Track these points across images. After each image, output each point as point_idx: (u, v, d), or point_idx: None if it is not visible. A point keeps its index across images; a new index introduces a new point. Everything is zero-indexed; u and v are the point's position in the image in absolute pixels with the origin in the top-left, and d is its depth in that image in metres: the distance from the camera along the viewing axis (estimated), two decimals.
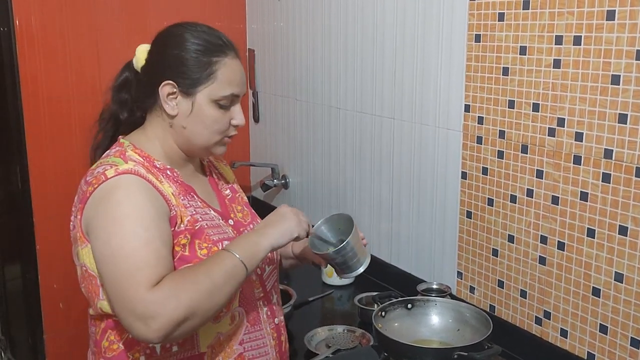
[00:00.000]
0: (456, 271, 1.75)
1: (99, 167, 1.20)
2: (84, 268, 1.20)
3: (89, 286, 1.21)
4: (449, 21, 1.67)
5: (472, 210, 1.68)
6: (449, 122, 1.71)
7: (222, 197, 1.38)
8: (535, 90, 1.46)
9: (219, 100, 1.24)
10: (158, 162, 1.26)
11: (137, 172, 1.17)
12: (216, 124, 1.25)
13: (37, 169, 2.32)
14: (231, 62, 1.25)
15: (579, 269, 1.42)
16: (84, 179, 1.22)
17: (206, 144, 1.27)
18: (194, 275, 1.11)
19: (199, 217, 1.24)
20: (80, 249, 1.19)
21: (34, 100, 2.28)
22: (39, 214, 2.34)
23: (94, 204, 1.15)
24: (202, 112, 1.24)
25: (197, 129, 1.25)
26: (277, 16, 2.46)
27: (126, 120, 1.32)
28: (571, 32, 1.36)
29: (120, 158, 1.21)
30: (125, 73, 1.32)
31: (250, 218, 1.40)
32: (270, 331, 1.33)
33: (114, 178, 1.15)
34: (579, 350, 1.44)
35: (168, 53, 1.24)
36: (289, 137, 2.48)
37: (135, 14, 2.39)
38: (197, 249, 1.20)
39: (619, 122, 1.29)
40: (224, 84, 1.23)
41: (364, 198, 2.09)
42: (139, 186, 1.16)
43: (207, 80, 1.22)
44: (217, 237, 1.24)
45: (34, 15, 2.24)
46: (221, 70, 1.23)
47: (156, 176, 1.21)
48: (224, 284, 1.13)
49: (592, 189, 1.36)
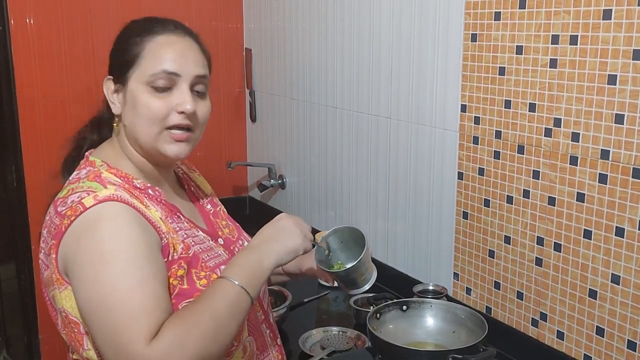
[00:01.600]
0: (452, 272, 1.74)
1: (71, 195, 1.04)
2: (63, 314, 1.05)
3: (70, 334, 1.06)
4: (445, 20, 1.66)
5: (468, 211, 1.66)
6: (445, 122, 1.70)
7: (206, 213, 1.26)
8: (531, 90, 1.45)
9: (150, 82, 1.07)
10: (137, 181, 1.11)
11: (120, 198, 1.02)
12: (149, 110, 1.07)
13: (32, 169, 2.31)
14: (166, 38, 1.10)
15: (575, 271, 1.40)
16: (54, 210, 1.05)
17: (148, 139, 1.09)
18: (196, 316, 0.97)
19: (191, 242, 1.10)
20: (58, 292, 1.04)
21: (29, 100, 2.27)
22: (34, 214, 2.33)
23: (72, 239, 1.00)
24: (136, 99, 1.08)
25: (136, 120, 1.08)
26: (274, 16, 2.45)
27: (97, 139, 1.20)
28: (567, 32, 1.35)
29: (97, 182, 1.05)
30: None
31: (237, 233, 1.28)
32: (275, 354, 1.26)
33: (95, 207, 1.00)
34: (576, 353, 1.42)
35: (111, 51, 1.16)
36: (285, 137, 2.47)
37: (131, 14, 2.37)
38: (195, 280, 1.07)
39: (616, 122, 1.28)
40: (152, 61, 1.08)
41: (360, 198, 2.08)
42: (125, 216, 1.00)
43: (135, 62, 1.08)
44: (212, 262, 1.12)
45: (29, 16, 2.23)
46: (148, 47, 1.09)
47: (140, 200, 1.06)
48: (230, 320, 1.00)
49: (589, 189, 1.35)
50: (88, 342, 1.05)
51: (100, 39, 2.33)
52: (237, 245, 1.25)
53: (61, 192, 1.09)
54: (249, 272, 1.05)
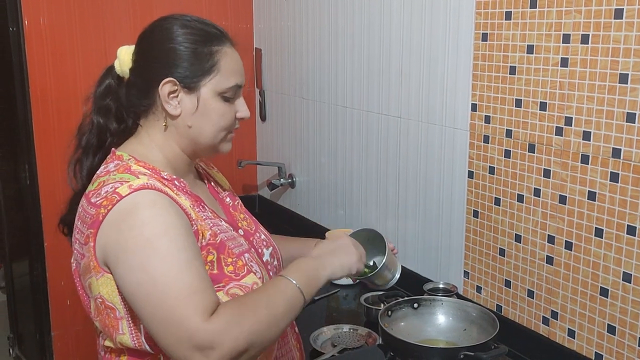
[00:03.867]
0: (463, 271, 1.74)
1: (104, 187, 1.08)
2: (99, 300, 1.09)
3: (105, 320, 1.10)
4: (455, 20, 1.67)
5: (479, 210, 1.67)
6: (456, 121, 1.71)
7: (226, 205, 1.30)
8: (542, 89, 1.45)
9: (224, 92, 1.15)
10: (164, 173, 1.15)
11: (153, 186, 1.06)
12: (223, 118, 1.16)
13: (45, 167, 2.33)
14: (231, 51, 1.17)
15: (586, 269, 1.41)
16: (87, 201, 1.09)
17: (213, 142, 1.18)
18: (254, 302, 1.03)
19: (217, 230, 1.15)
20: (95, 280, 1.08)
21: (42, 98, 2.30)
22: (47, 211, 2.35)
23: (111, 228, 1.03)
24: (209, 107, 1.15)
25: (204, 126, 1.16)
26: (284, 15, 2.46)
27: (115, 131, 1.21)
28: (579, 31, 1.36)
29: (128, 173, 1.09)
30: (107, 79, 1.21)
31: (254, 226, 1.31)
32: (294, 342, 1.30)
33: (130, 196, 1.04)
34: (587, 351, 1.43)
35: (161, 48, 1.14)
36: (295, 136, 2.48)
37: (143, 13, 2.41)
38: (224, 266, 1.11)
39: (627, 121, 1.29)
40: (227, 75, 1.15)
41: (371, 197, 2.08)
42: (161, 203, 1.05)
43: (210, 72, 1.13)
44: (237, 250, 1.16)
45: (42, 15, 2.25)
46: (223, 60, 1.15)
47: (170, 189, 1.11)
48: (283, 315, 1.05)
49: (600, 188, 1.36)
50: (123, 327, 1.08)
51: (113, 38, 2.35)
52: (255, 238, 1.27)
53: (91, 186, 1.13)
54: (306, 277, 1.12)
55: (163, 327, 0.98)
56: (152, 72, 1.14)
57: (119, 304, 1.07)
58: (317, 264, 1.16)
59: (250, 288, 1.11)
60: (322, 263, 1.16)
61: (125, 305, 1.07)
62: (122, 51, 1.19)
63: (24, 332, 2.85)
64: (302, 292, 1.09)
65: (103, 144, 1.22)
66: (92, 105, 1.22)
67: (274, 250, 1.29)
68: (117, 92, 1.21)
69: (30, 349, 2.72)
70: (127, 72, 1.19)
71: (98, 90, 1.22)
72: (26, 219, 2.43)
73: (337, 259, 1.19)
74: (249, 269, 1.14)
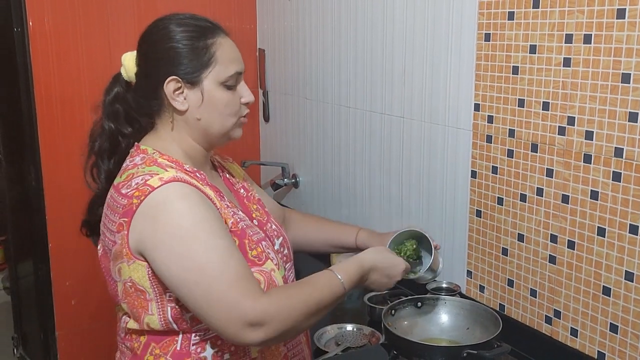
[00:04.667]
0: (466, 270, 1.75)
1: (134, 178, 1.14)
2: (129, 284, 1.15)
3: (135, 301, 1.16)
4: (458, 20, 1.67)
5: (481, 210, 1.68)
6: (459, 121, 1.71)
7: (240, 197, 1.35)
8: (545, 89, 1.46)
9: (225, 81, 1.20)
10: (186, 166, 1.21)
11: (183, 179, 1.13)
12: (229, 106, 1.22)
13: (50, 168, 2.34)
14: (225, 40, 1.22)
15: (589, 268, 1.41)
16: (117, 192, 1.16)
17: (224, 130, 1.24)
18: (307, 295, 1.13)
19: (237, 218, 1.21)
20: (127, 265, 1.14)
21: (46, 99, 2.30)
22: (51, 212, 2.36)
23: (145, 219, 1.10)
24: (213, 98, 1.20)
25: (212, 116, 1.21)
26: (287, 16, 2.47)
27: (130, 134, 1.27)
28: (581, 31, 1.36)
29: (156, 166, 1.16)
30: (115, 87, 1.27)
31: (266, 217, 1.36)
32: (304, 339, 1.35)
33: (162, 188, 1.10)
34: (589, 350, 1.43)
35: (160, 49, 1.20)
36: (299, 136, 2.49)
37: (147, 14, 2.41)
38: (248, 251, 1.18)
39: (630, 120, 1.29)
40: (226, 64, 1.20)
41: (374, 197, 2.09)
42: (192, 195, 1.12)
43: (209, 65, 1.19)
44: (256, 237, 1.22)
45: (47, 16, 2.26)
46: (219, 50, 1.20)
47: (197, 180, 1.17)
48: (325, 308, 1.16)
49: (603, 187, 1.36)
50: (152, 308, 1.15)
51: (118, 38, 2.36)
52: (267, 227, 1.32)
53: (119, 178, 1.19)
54: (353, 282, 1.22)
55: (216, 309, 1.06)
56: (155, 73, 1.20)
57: (149, 287, 1.14)
58: (363, 274, 1.25)
59: (269, 273, 1.18)
60: (367, 274, 1.26)
61: (154, 288, 1.14)
62: (125, 58, 1.26)
63: (28, 332, 2.86)
64: (344, 291, 1.19)
65: (116, 148, 1.28)
66: (102, 112, 1.28)
67: (283, 239, 1.35)
68: (125, 97, 1.26)
69: (34, 349, 2.73)
70: (133, 77, 1.25)
71: (107, 99, 1.28)
72: (31, 220, 2.44)
73: (379, 278, 1.29)
74: (267, 255, 1.21)
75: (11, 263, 2.94)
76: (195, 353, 1.16)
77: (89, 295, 2.47)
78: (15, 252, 2.88)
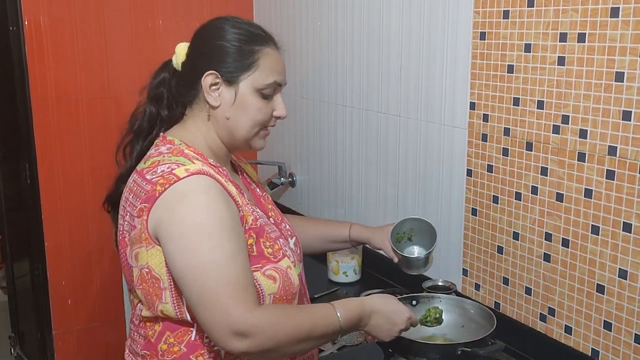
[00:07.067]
0: (461, 268, 1.75)
1: (160, 166, 1.16)
2: (145, 270, 1.16)
3: (150, 288, 1.16)
4: (454, 19, 1.68)
5: (477, 208, 1.68)
6: (455, 120, 1.72)
7: (257, 196, 1.37)
8: (540, 88, 1.46)
9: (262, 89, 1.22)
10: (210, 160, 1.23)
11: (208, 173, 1.14)
12: (259, 113, 1.23)
13: (46, 167, 2.34)
14: (273, 51, 1.25)
15: (583, 266, 1.42)
16: (141, 177, 1.17)
17: (247, 136, 1.25)
18: (300, 320, 1.13)
19: (257, 215, 1.22)
20: (146, 250, 1.14)
21: (42, 98, 2.31)
22: (47, 211, 2.36)
23: (166, 205, 1.11)
24: (246, 102, 1.22)
25: (241, 119, 1.23)
26: (283, 15, 2.47)
27: (166, 118, 1.30)
28: (575, 30, 1.37)
29: (182, 157, 1.18)
30: (163, 72, 1.31)
31: (280, 217, 1.37)
32: None
33: (187, 179, 1.11)
34: (583, 347, 1.44)
35: (209, 44, 1.24)
36: (295, 135, 2.49)
37: (143, 13, 2.41)
38: (264, 248, 1.19)
39: (623, 119, 1.30)
40: (266, 72, 1.22)
41: (370, 195, 2.10)
42: (215, 190, 1.13)
43: (250, 69, 1.21)
44: (273, 234, 1.23)
45: (42, 15, 2.26)
46: (263, 58, 1.23)
47: (221, 176, 1.18)
48: (316, 341, 1.16)
49: (597, 186, 1.37)
50: (166, 296, 1.15)
51: (114, 37, 2.36)
52: (282, 227, 1.34)
53: (143, 164, 1.21)
54: (351, 321, 1.20)
55: (208, 310, 1.07)
56: (199, 64, 1.23)
57: (165, 275, 1.14)
58: (364, 317, 1.23)
59: (284, 271, 1.19)
60: (367, 319, 1.24)
61: (170, 277, 1.14)
62: (179, 47, 1.28)
63: (25, 332, 2.86)
64: (340, 332, 1.19)
65: (152, 130, 1.30)
66: (147, 95, 1.32)
67: (297, 239, 1.36)
68: (170, 83, 1.30)
69: (31, 348, 2.73)
70: (180, 65, 1.28)
71: (153, 82, 1.31)
72: (27, 219, 2.44)
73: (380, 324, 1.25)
74: (284, 253, 1.22)
75: (7, 263, 2.94)
76: (209, 345, 1.17)
77: (85, 294, 2.47)
78: (12, 252, 2.88)
